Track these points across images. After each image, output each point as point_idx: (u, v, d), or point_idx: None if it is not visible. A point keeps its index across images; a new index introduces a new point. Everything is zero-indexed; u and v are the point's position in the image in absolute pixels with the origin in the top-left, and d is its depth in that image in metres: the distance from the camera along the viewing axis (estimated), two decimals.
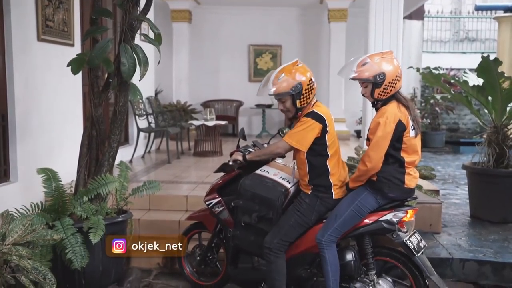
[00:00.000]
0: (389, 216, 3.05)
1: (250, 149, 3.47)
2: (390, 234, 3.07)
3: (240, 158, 3.33)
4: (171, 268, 4.19)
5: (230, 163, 3.39)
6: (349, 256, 3.18)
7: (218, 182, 3.58)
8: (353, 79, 3.09)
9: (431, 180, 5.27)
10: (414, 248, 3.04)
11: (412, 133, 3.06)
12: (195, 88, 10.96)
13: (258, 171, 3.36)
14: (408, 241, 3.04)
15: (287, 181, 3.29)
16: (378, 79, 3.00)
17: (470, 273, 4.12)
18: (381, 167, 3.01)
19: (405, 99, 3.10)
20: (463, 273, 4.13)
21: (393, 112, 3.01)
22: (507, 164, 5.25)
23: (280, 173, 3.35)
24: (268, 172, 3.34)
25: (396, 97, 3.07)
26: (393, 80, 3.01)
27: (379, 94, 3.05)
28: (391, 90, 3.03)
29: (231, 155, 3.44)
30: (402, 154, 3.05)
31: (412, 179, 3.10)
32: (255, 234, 3.25)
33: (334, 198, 3.15)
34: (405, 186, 3.06)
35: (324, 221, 3.15)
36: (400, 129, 3.00)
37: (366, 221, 3.09)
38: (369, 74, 3.02)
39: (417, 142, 3.12)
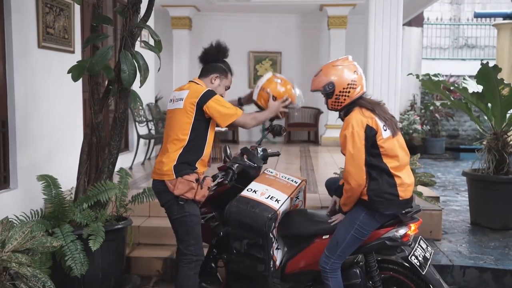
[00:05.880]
0: (391, 233, 2.88)
1: (238, 162, 3.31)
2: (394, 249, 2.94)
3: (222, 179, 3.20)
4: (171, 275, 4.18)
5: (219, 180, 3.24)
6: (355, 276, 3.01)
7: (210, 194, 3.41)
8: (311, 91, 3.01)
9: (431, 187, 5.26)
10: (419, 264, 2.87)
11: (385, 133, 2.81)
12: None
13: (244, 192, 3.15)
14: (412, 258, 2.87)
15: (276, 200, 3.10)
16: (327, 89, 2.88)
17: (470, 280, 4.11)
18: (369, 184, 2.80)
19: (369, 103, 2.89)
20: (464, 280, 4.12)
21: (358, 119, 2.80)
22: (507, 171, 5.26)
23: (269, 190, 3.16)
24: (256, 192, 3.14)
25: (358, 103, 2.87)
26: (344, 89, 2.85)
27: (332, 104, 2.92)
28: (344, 100, 2.87)
29: (219, 169, 3.30)
30: (385, 160, 2.80)
31: (406, 188, 2.85)
32: (249, 258, 3.13)
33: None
34: (400, 198, 2.82)
35: (326, 236, 3.00)
36: (370, 133, 2.77)
37: (368, 239, 2.93)
38: (317, 85, 2.92)
39: (396, 142, 2.86)
